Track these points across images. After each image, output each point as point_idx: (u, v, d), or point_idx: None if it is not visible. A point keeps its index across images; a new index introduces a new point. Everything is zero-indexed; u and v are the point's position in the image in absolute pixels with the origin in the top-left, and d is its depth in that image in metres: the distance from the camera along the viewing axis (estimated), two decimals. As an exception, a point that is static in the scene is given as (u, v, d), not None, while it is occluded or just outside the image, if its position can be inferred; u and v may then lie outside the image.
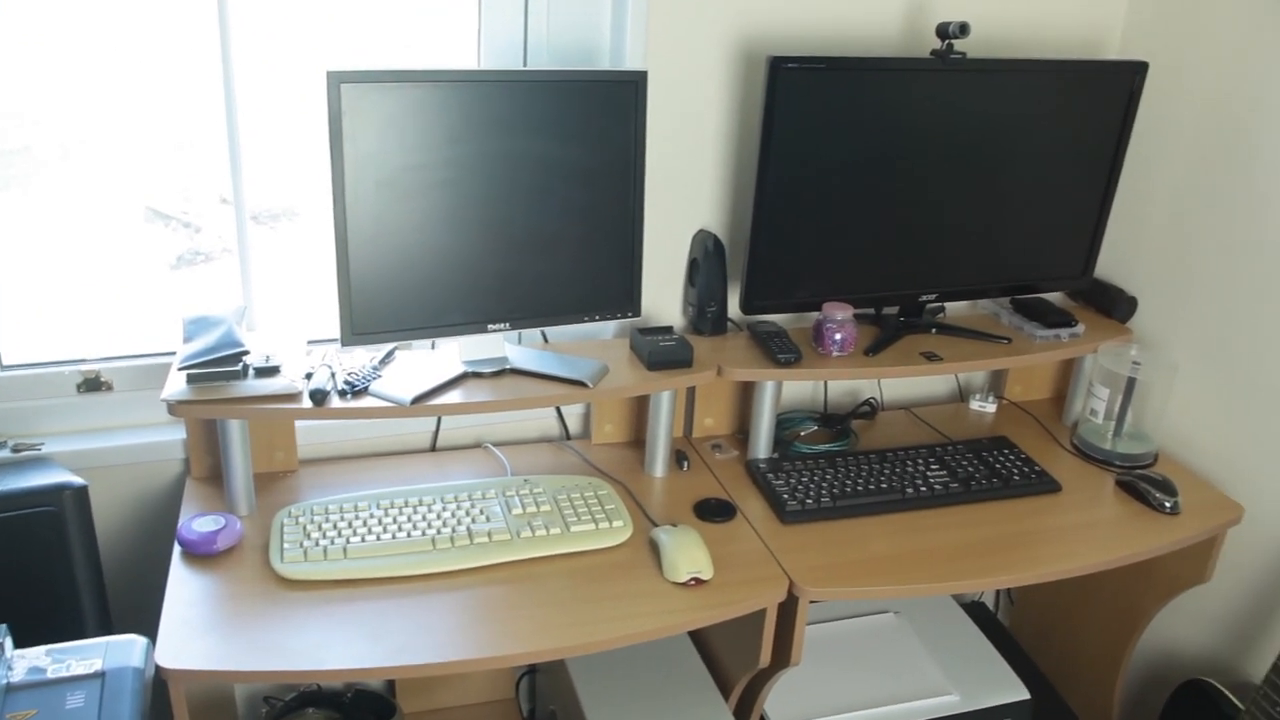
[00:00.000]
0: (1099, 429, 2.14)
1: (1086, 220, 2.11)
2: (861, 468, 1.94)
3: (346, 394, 1.66)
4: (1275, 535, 1.95)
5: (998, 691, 2.02)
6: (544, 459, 1.95)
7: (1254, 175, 1.92)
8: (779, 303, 1.94)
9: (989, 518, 1.87)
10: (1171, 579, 2.07)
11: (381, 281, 1.63)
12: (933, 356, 1.98)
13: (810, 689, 1.96)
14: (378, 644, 1.43)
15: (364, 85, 1.52)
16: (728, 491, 1.89)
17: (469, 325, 1.72)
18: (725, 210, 2.01)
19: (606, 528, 1.70)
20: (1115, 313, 2.22)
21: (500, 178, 1.65)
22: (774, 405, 1.94)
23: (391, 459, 1.93)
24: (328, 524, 1.64)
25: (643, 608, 1.56)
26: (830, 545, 1.75)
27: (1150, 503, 1.93)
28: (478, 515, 1.70)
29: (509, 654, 1.45)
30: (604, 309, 1.81)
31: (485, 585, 1.58)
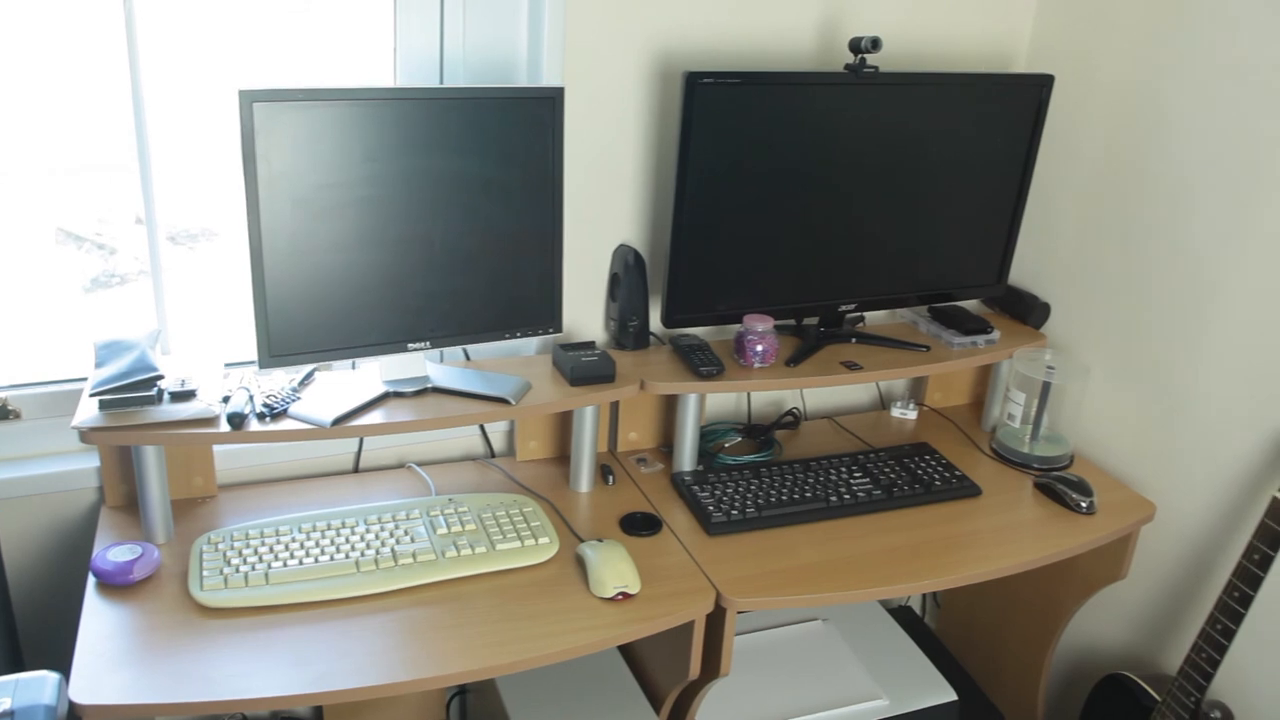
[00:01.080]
0: (1016, 433, 2.18)
1: (999, 229, 2.15)
2: (786, 477, 1.95)
3: (265, 417, 1.64)
4: (1186, 531, 2.00)
5: (925, 694, 2.04)
6: (468, 477, 1.94)
7: (1157, 184, 1.98)
8: (700, 316, 1.95)
9: (912, 523, 1.89)
10: (1089, 577, 2.12)
11: (299, 302, 1.61)
12: (853, 366, 2.00)
13: (741, 699, 1.96)
14: (302, 670, 1.41)
15: (277, 104, 1.50)
16: (653, 505, 1.89)
17: (389, 345, 1.71)
18: (646, 224, 2.02)
19: (532, 545, 1.69)
20: (1030, 319, 2.27)
21: (418, 195, 1.64)
22: (697, 418, 1.95)
23: (313, 481, 1.90)
24: (248, 550, 1.61)
25: (571, 624, 1.55)
26: (756, 555, 1.76)
27: (1067, 504, 1.97)
28: (402, 536, 1.68)
29: (436, 675, 1.43)
30: (525, 325, 1.81)
31: (411, 607, 1.56)
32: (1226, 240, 1.87)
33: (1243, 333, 1.86)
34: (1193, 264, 1.93)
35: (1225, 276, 1.88)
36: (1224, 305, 1.88)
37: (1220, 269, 1.88)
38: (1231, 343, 1.88)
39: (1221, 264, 1.88)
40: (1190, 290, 1.94)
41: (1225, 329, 1.89)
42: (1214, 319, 1.91)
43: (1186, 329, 1.96)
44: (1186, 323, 1.96)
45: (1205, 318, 1.92)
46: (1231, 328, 1.88)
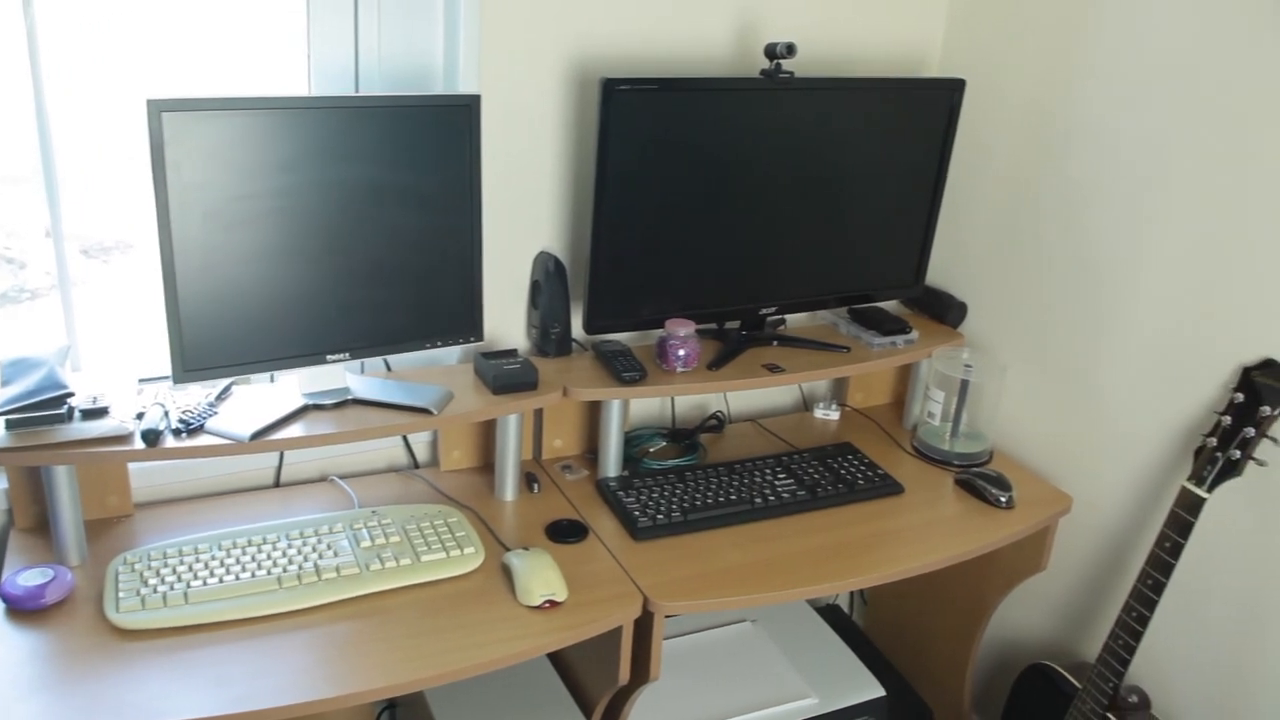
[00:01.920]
0: (937, 430, 2.22)
1: (916, 231, 2.19)
2: (711, 481, 1.96)
3: (181, 433, 1.60)
4: (1101, 522, 2.05)
5: (854, 691, 2.07)
6: (392, 489, 1.92)
7: (1066, 185, 2.03)
8: (622, 321, 1.95)
9: (837, 522, 1.91)
10: (1011, 570, 2.16)
11: (213, 315, 1.58)
12: (775, 368, 2.02)
13: (672, 703, 1.97)
14: (224, 690, 1.38)
15: (187, 113, 1.47)
16: (579, 512, 1.89)
17: (308, 357, 1.69)
18: (566, 231, 2.02)
19: (458, 555, 1.68)
20: (947, 318, 2.31)
21: (334, 205, 1.62)
22: (622, 423, 1.95)
23: (233, 497, 1.87)
24: (166, 569, 1.58)
25: (498, 634, 1.54)
26: (683, 559, 1.76)
27: (987, 499, 2.01)
28: (325, 550, 1.66)
29: (362, 691, 1.41)
30: (446, 335, 1.79)
31: (336, 622, 1.54)
32: (1132, 239, 1.92)
33: (1149, 328, 1.91)
34: (1101, 263, 1.98)
35: (1131, 274, 1.93)
36: (1131, 302, 1.94)
37: (1126, 267, 1.93)
38: (1139, 338, 1.93)
39: (1128, 262, 1.93)
40: (1099, 288, 1.99)
41: (1133, 325, 1.94)
42: (1122, 315, 1.96)
43: (1096, 326, 2.01)
44: (1096, 320, 2.01)
45: (1114, 314, 1.97)
46: (1138, 324, 1.93)
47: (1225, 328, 1.78)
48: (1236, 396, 1.67)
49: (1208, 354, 1.82)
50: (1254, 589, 1.80)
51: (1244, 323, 1.75)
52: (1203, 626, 1.89)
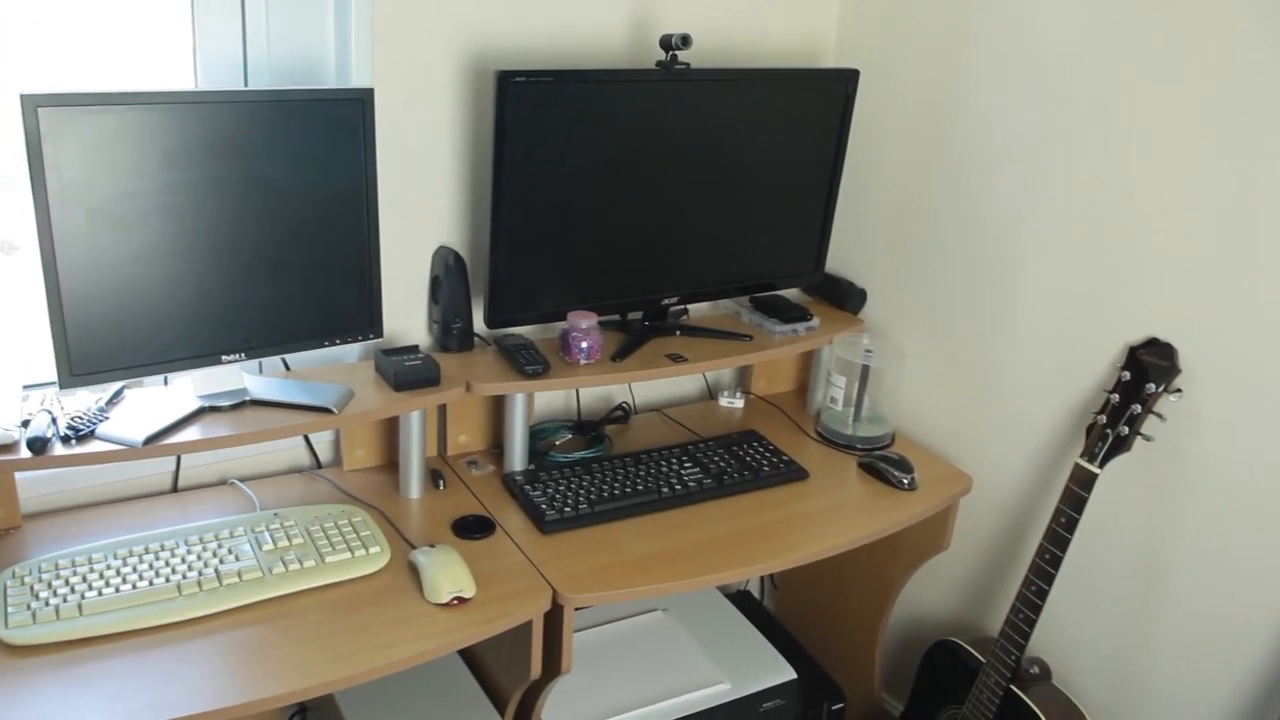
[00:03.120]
0: (840, 416, 2.25)
1: (814, 219, 2.22)
2: (618, 472, 1.96)
3: (71, 440, 1.55)
4: (1000, 501, 2.10)
5: (766, 675, 2.09)
6: (294, 490, 1.89)
7: (957, 174, 2.08)
8: (524, 315, 1.94)
9: (743, 509, 1.93)
10: (915, 550, 2.20)
11: (101, 317, 1.53)
12: (678, 358, 2.03)
13: (585, 694, 1.97)
14: (123, 703, 1.34)
15: (65, 109, 1.42)
16: (486, 507, 1.88)
17: (201, 358, 1.64)
18: (465, 225, 2.00)
19: (363, 555, 1.66)
20: (847, 305, 2.34)
21: (224, 202, 1.58)
22: (526, 417, 1.94)
23: (129, 504, 1.81)
24: (58, 581, 1.53)
25: (407, 633, 1.53)
26: (591, 551, 1.76)
27: (890, 481, 2.04)
28: (226, 555, 1.62)
29: (269, 696, 1.39)
30: (344, 332, 1.77)
31: (239, 628, 1.51)
32: (1019, 227, 1.97)
33: (1040, 312, 1.96)
34: (992, 250, 2.03)
35: (1021, 260, 1.98)
36: (1021, 287, 1.99)
37: (1016, 254, 1.99)
38: (1031, 321, 1.98)
39: (1017, 249, 1.98)
40: (991, 274, 2.04)
41: (1024, 309, 1.99)
42: (1013, 300, 2.01)
43: (990, 310, 2.06)
44: (990, 304, 2.06)
45: (1006, 299, 2.02)
46: (1030, 308, 1.98)
47: (1111, 310, 1.84)
48: (1124, 375, 1.73)
49: (1096, 335, 1.88)
50: (1144, 558, 1.86)
51: (1129, 304, 1.81)
52: (1098, 597, 1.95)
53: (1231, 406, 1.69)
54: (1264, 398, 1.65)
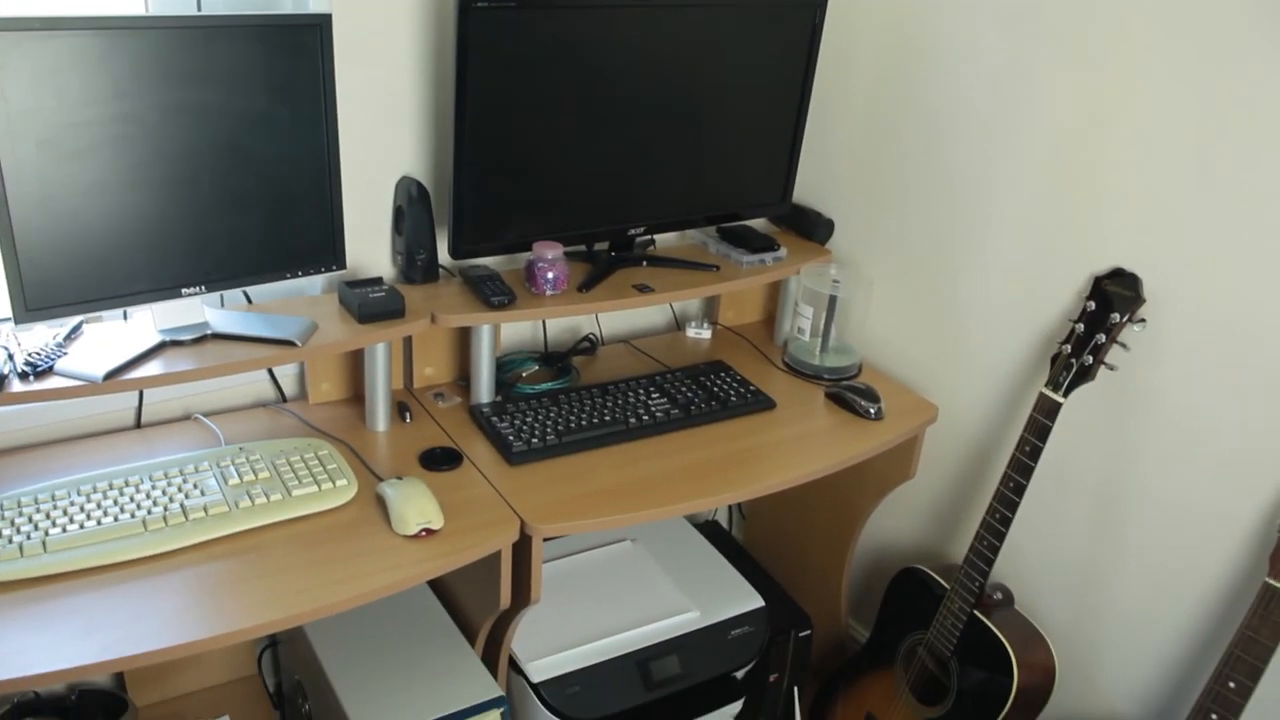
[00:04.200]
0: (807, 346, 2.26)
1: (782, 148, 2.20)
2: (585, 403, 1.96)
3: (29, 376, 1.53)
4: (965, 431, 2.12)
5: (734, 603, 2.11)
6: (260, 425, 1.87)
7: (925, 103, 2.06)
8: (488, 246, 1.92)
9: (711, 439, 1.94)
10: (881, 479, 2.22)
11: (56, 250, 1.50)
12: (645, 288, 2.02)
13: (555, 624, 1.99)
14: (91, 639, 1.34)
15: (10, 34, 1.37)
16: (453, 439, 1.87)
17: (161, 291, 1.62)
18: (428, 155, 1.97)
19: (330, 488, 1.65)
20: (815, 235, 2.34)
21: (180, 132, 1.54)
22: (492, 349, 1.93)
23: (92, 441, 1.79)
24: (21, 518, 1.51)
25: (375, 564, 1.53)
26: (559, 481, 1.77)
27: (857, 411, 2.05)
28: (191, 490, 1.61)
29: (237, 630, 1.39)
30: (306, 264, 1.74)
31: (206, 562, 1.50)
32: (987, 156, 1.96)
33: (1008, 241, 1.96)
34: (959, 179, 2.03)
35: (988, 190, 1.97)
36: (988, 216, 1.99)
37: (983, 183, 1.98)
38: (999, 251, 1.98)
39: (984, 178, 1.98)
40: (958, 203, 2.04)
41: (991, 238, 1.99)
42: (980, 229, 2.01)
43: (957, 239, 2.06)
44: (957, 233, 2.06)
45: (973, 228, 2.02)
46: (996, 237, 1.98)
47: (1078, 240, 1.85)
48: (1089, 305, 1.73)
49: (1062, 265, 1.88)
50: (1105, 486, 1.89)
51: (1095, 234, 1.82)
52: (1060, 524, 1.98)
53: (1195, 337, 1.71)
54: (1226, 328, 1.66)
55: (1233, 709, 1.54)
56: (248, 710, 1.93)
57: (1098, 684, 1.99)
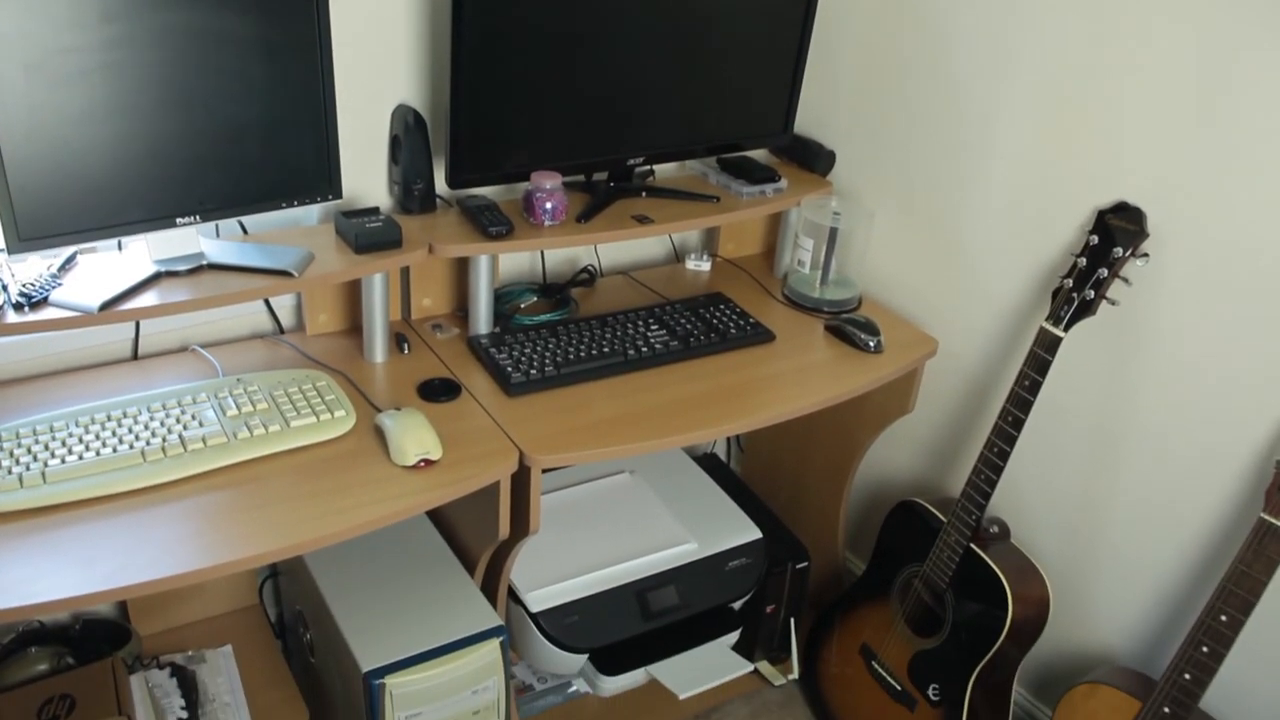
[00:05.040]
0: (807, 279, 2.24)
1: (783, 79, 2.16)
2: (583, 334, 1.95)
3: (24, 307, 1.52)
4: (965, 365, 2.12)
5: (732, 535, 2.13)
6: (257, 356, 1.87)
7: (928, 32, 2.03)
8: (486, 175, 1.90)
9: (710, 371, 1.93)
10: (880, 412, 2.22)
11: (47, 179, 1.48)
12: (644, 219, 2.00)
13: (554, 554, 2.00)
14: (93, 568, 1.34)
15: (-4, -43, 1.35)
16: (451, 370, 1.87)
17: (155, 221, 1.60)
18: (425, 83, 1.94)
19: (328, 419, 1.65)
20: (816, 166, 2.31)
21: (171, 57, 1.51)
22: (491, 280, 1.92)
23: (89, 372, 1.79)
24: (20, 449, 1.51)
25: (374, 495, 1.53)
26: (557, 412, 1.77)
27: (856, 344, 2.05)
28: (189, 421, 1.61)
29: (237, 559, 1.39)
30: (302, 194, 1.72)
31: (206, 492, 1.51)
32: (994, 86, 1.93)
33: (1011, 174, 1.94)
34: (963, 110, 2.00)
35: (992, 121, 1.95)
36: (992, 148, 1.96)
37: (987, 114, 1.95)
38: (1002, 184, 1.96)
39: (988, 109, 1.95)
40: (961, 135, 2.01)
41: (994, 170, 1.97)
42: (984, 161, 1.98)
43: (960, 172, 2.03)
44: (960, 166, 2.03)
45: (976, 160, 2.00)
46: (1001, 170, 1.96)
47: (1081, 173, 1.83)
48: (1091, 239, 1.72)
49: (1065, 198, 1.86)
50: (1103, 420, 1.89)
51: (1099, 167, 1.80)
52: (1058, 459, 1.99)
53: (1197, 272, 1.69)
54: (1229, 263, 1.65)
55: (1223, 642, 1.56)
56: (250, 639, 1.95)
57: (1091, 617, 2.01)
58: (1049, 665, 2.12)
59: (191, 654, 1.86)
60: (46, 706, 1.60)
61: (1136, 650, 1.94)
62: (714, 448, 2.75)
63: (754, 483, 2.67)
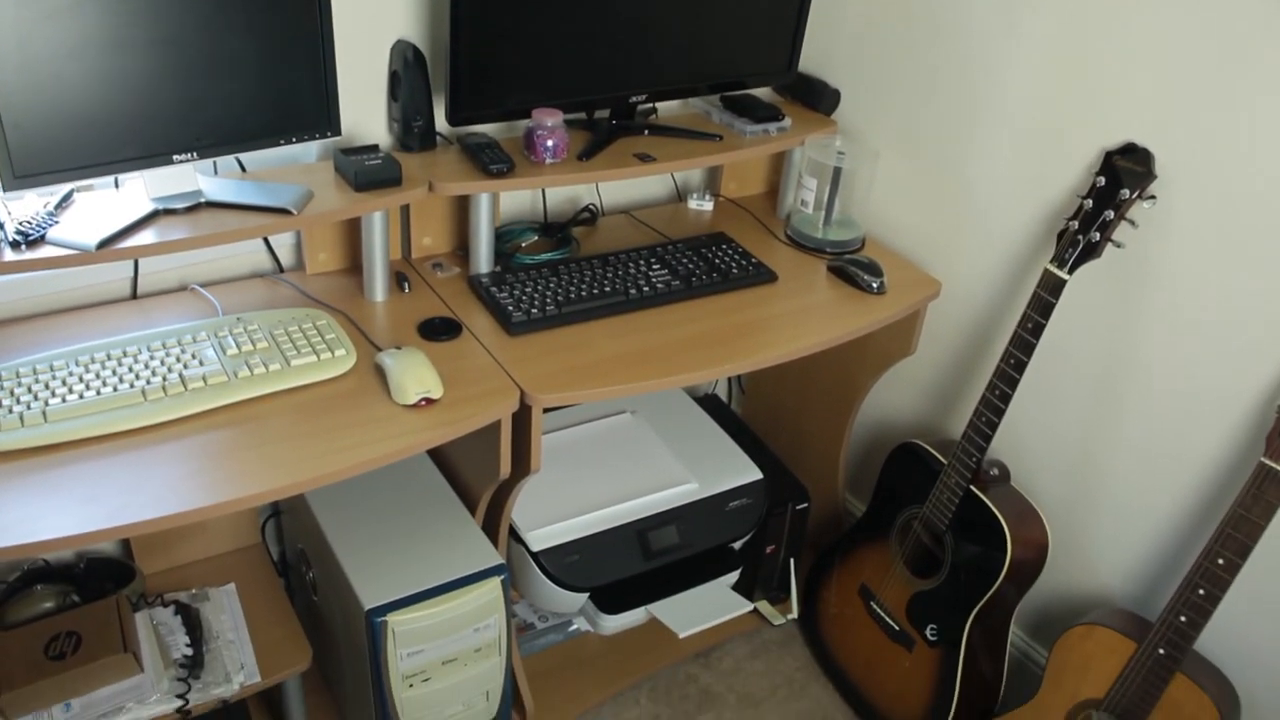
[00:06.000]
0: (810, 219, 2.22)
1: (788, 15, 2.13)
2: (585, 273, 1.94)
3: (20, 245, 1.51)
4: (968, 307, 2.11)
5: (733, 475, 2.14)
6: (257, 295, 1.86)
7: (937, -42, 1.99)
8: (487, 112, 1.88)
9: (711, 311, 1.93)
10: (882, 353, 2.22)
11: (41, 115, 1.46)
12: (646, 157, 1.98)
13: (555, 493, 2.01)
14: (95, 506, 1.35)
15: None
16: (452, 309, 1.86)
17: (151, 158, 1.58)
18: (424, 18, 1.91)
19: (329, 358, 1.64)
20: (820, 105, 2.28)
21: (164, -10, 1.49)
22: (491, 218, 1.90)
23: (88, 312, 1.78)
24: (20, 388, 1.51)
25: (375, 434, 1.53)
26: (558, 352, 1.76)
27: (859, 285, 2.04)
28: (189, 360, 1.60)
29: (239, 498, 1.40)
30: (300, 130, 1.70)
31: (207, 431, 1.51)
32: (1000, 25, 1.90)
33: (1018, 114, 1.92)
34: (970, 48, 1.97)
35: (1000, 61, 1.92)
36: (999, 88, 1.93)
37: (995, 53, 1.92)
38: (1008, 124, 1.94)
39: (996, 48, 1.92)
40: (968, 74, 1.98)
41: (1001, 111, 1.94)
42: (991, 101, 1.96)
43: (966, 111, 2.01)
44: (966, 105, 2.01)
45: (983, 100, 1.97)
46: (1007, 109, 1.93)
47: (1089, 113, 1.80)
48: (1098, 180, 1.70)
49: (1072, 139, 1.84)
50: (1105, 364, 1.88)
51: (1107, 108, 1.77)
52: (1059, 401, 1.98)
53: (1204, 215, 1.68)
54: (1237, 207, 1.63)
55: (1220, 585, 1.56)
56: (253, 578, 1.96)
57: (1089, 559, 2.02)
58: (1046, 607, 2.13)
59: (195, 592, 1.88)
60: (53, 643, 1.61)
61: (1133, 593, 1.95)
62: (715, 388, 2.75)
63: (755, 424, 2.67)
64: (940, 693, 2.00)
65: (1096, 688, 1.77)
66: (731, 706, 2.22)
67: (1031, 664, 2.18)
